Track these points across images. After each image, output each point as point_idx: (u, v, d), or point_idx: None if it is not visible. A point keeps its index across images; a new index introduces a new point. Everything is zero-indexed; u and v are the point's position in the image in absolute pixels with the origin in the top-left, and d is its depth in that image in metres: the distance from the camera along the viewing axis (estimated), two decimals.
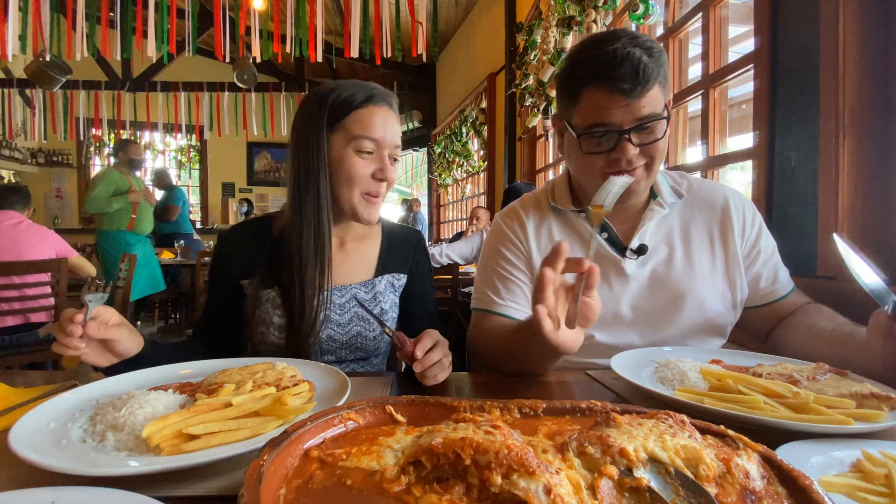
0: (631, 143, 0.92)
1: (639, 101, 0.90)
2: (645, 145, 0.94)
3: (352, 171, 1.02)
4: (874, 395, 0.64)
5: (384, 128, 1.03)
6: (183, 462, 0.50)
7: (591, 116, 0.94)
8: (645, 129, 0.93)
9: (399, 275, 1.18)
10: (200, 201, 9.48)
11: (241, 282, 1.10)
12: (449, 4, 6.09)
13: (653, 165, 0.97)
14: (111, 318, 0.82)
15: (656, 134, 0.93)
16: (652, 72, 0.89)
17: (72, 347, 0.76)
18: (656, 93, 0.91)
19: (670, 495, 0.38)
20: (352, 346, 1.09)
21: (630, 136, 0.92)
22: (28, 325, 2.68)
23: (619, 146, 0.93)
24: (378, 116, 1.03)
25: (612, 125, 0.92)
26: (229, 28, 4.15)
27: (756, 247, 1.07)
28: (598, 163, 0.97)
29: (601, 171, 0.97)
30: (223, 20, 4.03)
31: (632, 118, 0.91)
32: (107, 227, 4.35)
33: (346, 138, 1.01)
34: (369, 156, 1.03)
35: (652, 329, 1.04)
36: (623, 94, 0.89)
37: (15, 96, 6.86)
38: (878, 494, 0.46)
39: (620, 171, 0.95)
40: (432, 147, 7.67)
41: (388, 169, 1.04)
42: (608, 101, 0.91)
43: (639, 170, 0.96)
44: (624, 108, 0.90)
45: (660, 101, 0.93)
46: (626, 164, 0.94)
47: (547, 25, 3.18)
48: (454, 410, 0.54)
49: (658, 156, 0.96)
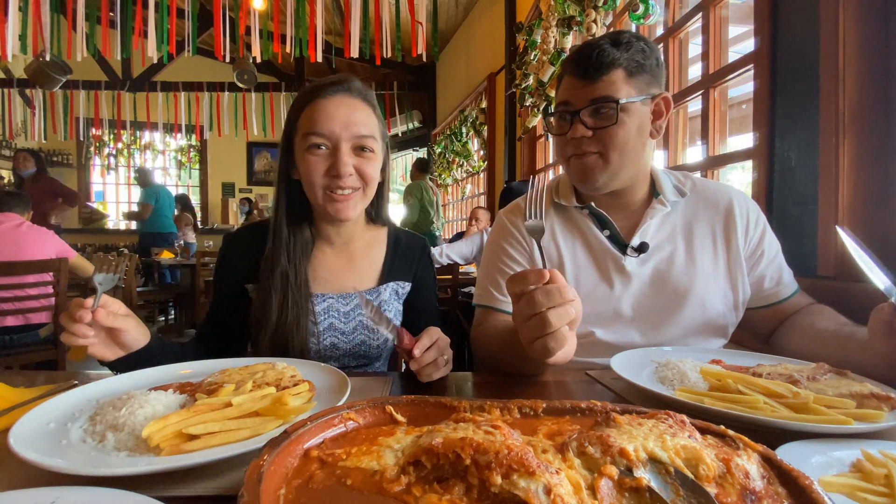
0: (582, 125, 0.98)
1: (594, 84, 0.97)
2: (598, 129, 0.97)
3: (306, 172, 0.98)
4: (874, 395, 0.64)
5: (334, 119, 0.96)
6: (183, 462, 0.50)
7: (559, 97, 1.04)
8: (599, 113, 0.97)
9: (404, 283, 1.17)
10: (200, 201, 9.48)
11: (245, 286, 1.10)
12: (449, 4, 6.09)
13: (608, 155, 0.98)
14: (119, 309, 0.82)
15: (609, 119, 0.96)
16: (608, 56, 0.95)
17: (80, 335, 0.76)
18: (616, 79, 0.96)
19: (670, 495, 0.38)
20: (355, 353, 1.09)
21: (581, 116, 0.98)
22: (28, 325, 2.68)
23: (573, 126, 0.99)
24: (326, 109, 0.96)
25: (571, 104, 1.00)
26: (229, 28, 4.15)
27: (759, 247, 1.06)
28: (562, 146, 1.04)
29: (566, 157, 1.04)
30: (223, 20, 4.03)
31: (585, 99, 0.98)
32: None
33: (300, 137, 0.99)
34: (323, 151, 0.97)
35: (653, 327, 1.04)
36: (580, 76, 0.98)
37: (15, 96, 6.87)
38: (878, 494, 0.46)
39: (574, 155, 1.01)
40: (432, 147, 7.66)
41: (341, 164, 0.96)
42: (569, 84, 1.01)
43: (591, 157, 0.99)
44: (580, 91, 0.98)
45: (620, 89, 0.96)
46: (576, 147, 1.00)
47: (547, 25, 3.18)
48: (454, 410, 0.54)
49: (612, 145, 0.97)
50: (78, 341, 0.76)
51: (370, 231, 1.17)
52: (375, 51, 3.83)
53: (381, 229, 1.19)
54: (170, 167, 9.58)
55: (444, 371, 0.83)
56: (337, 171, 0.96)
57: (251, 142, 9.17)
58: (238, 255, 1.11)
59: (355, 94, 1.00)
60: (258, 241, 1.10)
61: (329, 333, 1.06)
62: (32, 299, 2.63)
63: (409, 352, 0.78)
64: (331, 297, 1.08)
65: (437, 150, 7.28)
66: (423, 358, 0.78)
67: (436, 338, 0.82)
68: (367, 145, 0.99)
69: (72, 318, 0.76)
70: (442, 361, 0.81)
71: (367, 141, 0.99)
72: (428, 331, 0.83)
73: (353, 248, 1.14)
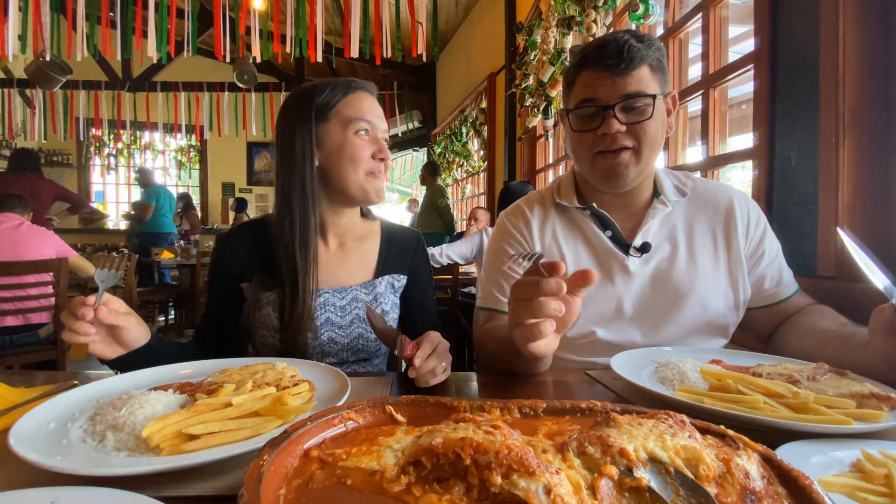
0: (616, 120, 0.95)
1: (624, 78, 0.94)
2: (631, 125, 0.96)
3: (355, 152, 1.05)
4: (874, 395, 0.64)
5: (373, 112, 1.09)
6: (183, 462, 0.50)
7: (581, 94, 0.99)
8: (632, 108, 0.95)
9: (399, 276, 1.18)
10: (200, 201, 9.47)
11: (240, 285, 1.10)
12: (449, 4, 6.09)
13: (641, 151, 0.97)
14: (120, 307, 0.81)
15: (644, 114, 0.95)
16: (637, 52, 0.93)
17: (82, 333, 0.76)
18: (645, 74, 0.95)
19: (670, 495, 0.38)
20: (353, 347, 1.09)
21: (615, 111, 0.95)
22: (28, 325, 2.68)
23: (605, 122, 0.96)
24: (367, 101, 1.09)
25: (599, 100, 0.97)
26: (229, 28, 4.15)
27: (760, 247, 1.07)
28: (587, 142, 1.00)
29: (590, 151, 1.00)
30: (223, 20, 4.03)
31: (617, 94, 0.95)
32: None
33: (343, 123, 1.05)
34: (367, 136, 1.07)
35: (653, 327, 1.04)
36: (608, 70, 0.95)
37: (15, 96, 6.86)
38: (878, 494, 0.46)
39: (607, 152, 0.98)
40: (432, 147, 7.66)
41: (386, 149, 1.09)
42: (595, 79, 0.97)
43: (625, 154, 0.97)
44: (610, 85, 0.95)
45: (650, 84, 0.95)
46: (611, 143, 0.97)
47: (547, 25, 3.18)
48: (454, 410, 0.54)
49: (646, 140, 0.97)
50: (79, 339, 0.76)
51: (364, 225, 1.20)
52: (375, 51, 3.83)
53: (373, 223, 1.22)
54: (170, 167, 9.58)
55: (442, 377, 0.83)
56: (384, 155, 1.08)
57: (251, 142, 9.17)
58: (232, 254, 1.11)
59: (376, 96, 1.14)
60: (253, 240, 1.11)
61: (326, 328, 1.06)
62: (32, 299, 2.63)
63: (410, 359, 0.78)
64: (326, 292, 1.08)
65: (437, 150, 7.28)
66: (422, 367, 0.78)
67: (436, 344, 0.82)
68: (387, 139, 1.13)
69: (73, 315, 0.75)
70: (440, 369, 0.81)
71: (387, 135, 1.13)
72: (428, 336, 0.83)
73: (348, 242, 1.15)
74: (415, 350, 0.79)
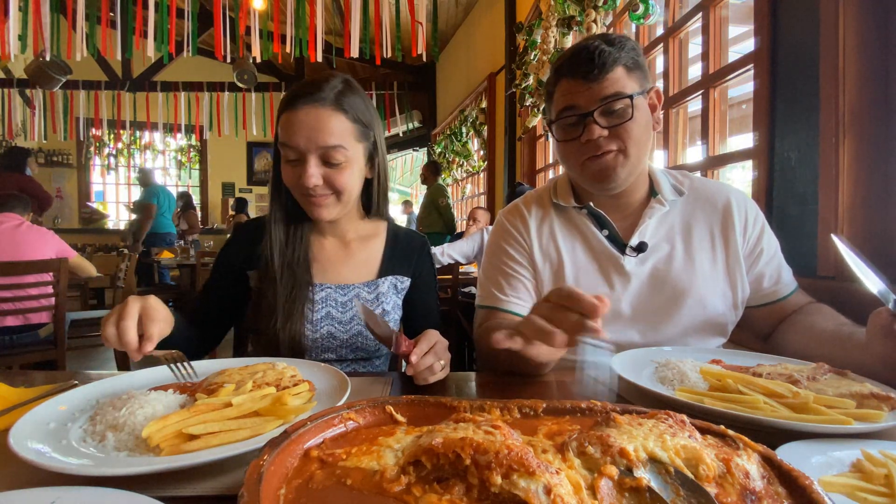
0: (597, 125, 0.96)
1: (600, 83, 0.96)
2: (613, 127, 0.97)
3: (284, 179, 1.04)
4: (874, 395, 0.64)
5: (302, 132, 0.96)
6: (183, 462, 0.50)
7: (561, 103, 1.01)
8: (612, 112, 0.97)
9: (402, 277, 1.18)
10: (200, 201, 9.47)
11: (247, 272, 1.13)
12: (449, 4, 6.09)
13: (627, 151, 0.98)
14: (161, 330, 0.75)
15: (624, 116, 0.96)
16: (609, 56, 0.95)
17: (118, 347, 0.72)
18: (620, 76, 0.96)
19: (670, 495, 0.38)
20: (352, 345, 1.09)
21: (595, 117, 0.96)
22: (28, 325, 2.68)
23: (587, 129, 0.97)
24: (293, 121, 0.97)
25: (578, 108, 0.98)
26: (229, 28, 4.15)
27: (758, 246, 1.07)
28: (574, 150, 1.02)
29: (578, 159, 1.02)
30: (223, 20, 4.03)
31: (594, 100, 0.97)
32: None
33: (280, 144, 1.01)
34: (294, 161, 1.00)
35: (652, 327, 1.04)
36: (583, 77, 0.97)
37: (15, 96, 6.87)
38: (878, 494, 0.46)
39: (590, 157, 0.99)
40: (432, 147, 7.66)
41: (307, 176, 0.97)
42: (572, 88, 0.99)
43: (611, 155, 0.98)
44: (586, 92, 0.97)
45: (626, 85, 0.96)
46: (596, 148, 0.98)
47: (547, 25, 3.18)
48: (454, 410, 0.54)
49: (630, 140, 0.97)
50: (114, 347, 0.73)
51: (368, 225, 1.20)
52: (375, 51, 3.83)
53: (380, 223, 1.21)
54: (170, 167, 9.58)
55: (441, 375, 0.83)
56: (304, 182, 0.98)
57: (251, 142, 9.17)
58: (243, 241, 1.15)
59: (326, 104, 0.98)
60: (262, 233, 1.13)
61: (326, 322, 1.07)
62: (32, 299, 2.63)
63: (407, 356, 0.78)
64: (329, 287, 1.10)
65: (437, 150, 7.28)
66: (419, 364, 0.78)
67: (434, 342, 0.82)
68: (334, 156, 0.98)
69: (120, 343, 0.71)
70: (438, 367, 0.81)
71: (334, 152, 0.98)
72: (426, 334, 0.83)
73: (350, 241, 1.16)
74: (411, 347, 0.79)
